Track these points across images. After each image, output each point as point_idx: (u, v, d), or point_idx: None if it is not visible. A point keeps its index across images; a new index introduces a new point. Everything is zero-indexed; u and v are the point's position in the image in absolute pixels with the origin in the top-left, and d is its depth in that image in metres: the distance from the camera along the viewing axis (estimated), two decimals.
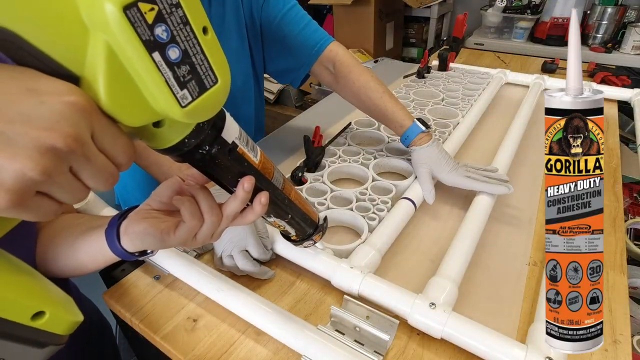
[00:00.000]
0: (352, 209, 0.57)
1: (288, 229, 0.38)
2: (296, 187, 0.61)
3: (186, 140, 0.24)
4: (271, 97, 2.23)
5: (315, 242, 0.43)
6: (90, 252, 0.38)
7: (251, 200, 0.31)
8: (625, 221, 0.82)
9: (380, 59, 1.63)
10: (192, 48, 0.20)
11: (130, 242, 0.35)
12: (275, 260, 0.53)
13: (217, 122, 0.26)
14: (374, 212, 0.56)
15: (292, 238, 0.41)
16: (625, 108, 0.97)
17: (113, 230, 0.36)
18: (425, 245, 0.55)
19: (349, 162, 0.68)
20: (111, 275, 0.54)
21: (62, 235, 0.41)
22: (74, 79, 0.19)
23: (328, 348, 0.39)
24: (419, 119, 0.64)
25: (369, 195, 0.60)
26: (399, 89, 0.98)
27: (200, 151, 0.25)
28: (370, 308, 0.43)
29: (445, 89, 0.97)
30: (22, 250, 0.39)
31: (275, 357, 0.41)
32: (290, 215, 0.36)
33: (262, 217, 0.35)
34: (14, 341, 0.23)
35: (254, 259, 0.49)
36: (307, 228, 0.40)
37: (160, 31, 0.19)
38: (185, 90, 0.21)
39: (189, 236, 0.32)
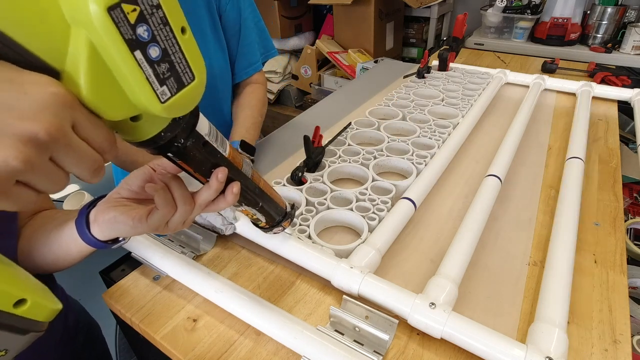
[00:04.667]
0: (352, 209, 0.57)
1: (258, 216, 0.40)
2: (296, 187, 0.62)
3: (162, 134, 0.25)
4: (271, 97, 2.23)
5: (284, 229, 0.44)
6: (63, 245, 0.39)
7: (223, 190, 0.32)
8: (625, 221, 0.82)
9: (380, 59, 1.63)
10: (172, 47, 0.22)
11: (100, 230, 0.35)
12: (275, 260, 0.53)
13: (192, 117, 0.27)
14: (374, 212, 0.56)
15: (261, 225, 0.43)
16: (625, 108, 0.97)
17: (82, 219, 0.36)
18: (425, 245, 0.55)
19: (349, 162, 0.68)
20: (111, 275, 0.54)
21: (39, 232, 0.42)
22: (54, 74, 0.20)
23: (328, 348, 0.39)
24: (245, 144, 0.68)
25: (369, 195, 0.60)
26: (398, 89, 0.98)
27: (175, 144, 0.26)
28: (370, 308, 0.42)
29: (445, 89, 0.97)
30: (3, 250, 0.40)
31: (275, 357, 0.41)
32: (260, 204, 0.38)
33: (234, 205, 0.36)
34: None
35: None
36: (276, 215, 0.41)
37: (141, 31, 0.20)
38: (164, 87, 0.22)
39: (161, 223, 0.33)
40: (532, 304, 0.46)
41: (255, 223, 0.42)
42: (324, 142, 0.71)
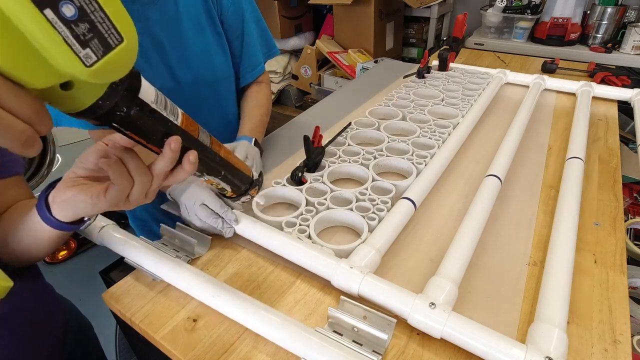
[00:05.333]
0: (352, 209, 0.57)
1: (223, 185, 0.39)
2: (296, 187, 0.62)
3: (100, 103, 0.23)
4: (271, 97, 2.22)
5: (252, 197, 0.44)
6: (31, 232, 0.39)
7: (180, 160, 0.32)
8: (625, 221, 0.82)
9: (380, 59, 1.63)
10: (89, 5, 0.20)
11: (60, 210, 0.35)
12: (275, 260, 0.53)
13: (132, 83, 0.25)
14: (374, 212, 0.56)
15: (227, 195, 0.42)
16: (625, 108, 0.97)
17: (42, 202, 0.36)
18: (425, 245, 0.55)
19: (349, 162, 0.68)
20: (111, 275, 0.54)
21: (12, 221, 0.41)
22: None
23: (327, 350, 0.39)
24: (256, 144, 0.68)
25: (369, 195, 0.60)
26: (398, 89, 0.98)
27: (118, 113, 0.25)
28: (367, 308, 0.42)
29: (445, 89, 0.97)
30: None
31: (275, 358, 0.41)
32: (222, 172, 0.37)
33: (196, 175, 0.35)
34: None
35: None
36: (241, 184, 0.40)
37: None
38: (88, 50, 0.20)
39: (120, 198, 0.32)
40: (532, 304, 0.46)
41: (222, 193, 0.41)
42: (324, 142, 0.71)
